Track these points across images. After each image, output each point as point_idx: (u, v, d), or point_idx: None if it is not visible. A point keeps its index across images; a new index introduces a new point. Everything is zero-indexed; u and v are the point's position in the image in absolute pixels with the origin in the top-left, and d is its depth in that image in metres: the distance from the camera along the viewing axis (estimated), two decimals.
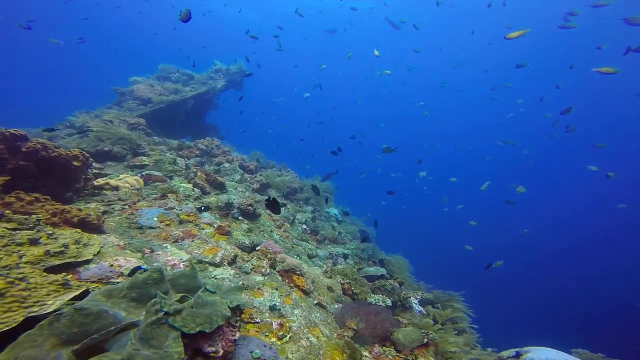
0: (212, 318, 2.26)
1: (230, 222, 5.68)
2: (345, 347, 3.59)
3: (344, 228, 9.54)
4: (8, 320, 2.01)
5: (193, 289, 2.77)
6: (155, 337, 2.05)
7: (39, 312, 2.16)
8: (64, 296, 2.35)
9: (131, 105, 11.07)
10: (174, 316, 2.18)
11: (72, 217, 3.66)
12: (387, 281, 5.99)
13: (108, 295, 2.39)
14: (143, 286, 2.47)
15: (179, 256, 4.02)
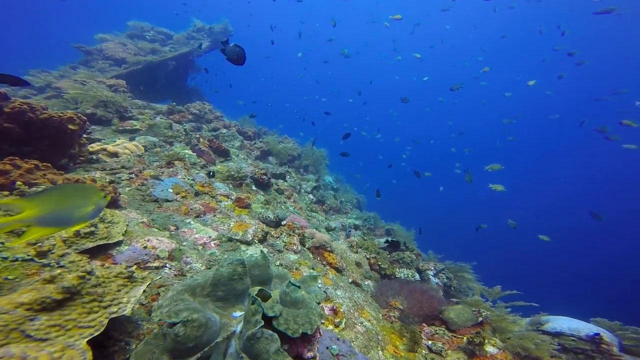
0: (311, 318, 1.95)
1: (248, 193, 5.26)
2: (403, 330, 3.41)
3: (344, 196, 9.32)
4: (95, 323, 1.63)
5: (267, 281, 2.44)
6: (259, 353, 1.74)
7: (118, 312, 1.77)
8: (134, 291, 1.95)
9: (102, 65, 9.94)
10: (277, 320, 1.86)
11: None
12: (404, 253, 5.85)
13: (192, 293, 2.01)
14: (229, 283, 2.10)
15: (207, 233, 3.63)
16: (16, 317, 1.48)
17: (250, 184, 5.59)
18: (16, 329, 1.47)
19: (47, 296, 1.59)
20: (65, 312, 1.64)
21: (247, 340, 1.79)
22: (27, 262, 1.92)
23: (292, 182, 7.38)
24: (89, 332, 1.66)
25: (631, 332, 5.18)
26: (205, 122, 8.89)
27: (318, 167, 9.38)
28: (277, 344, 1.81)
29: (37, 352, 1.43)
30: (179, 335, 1.71)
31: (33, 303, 1.56)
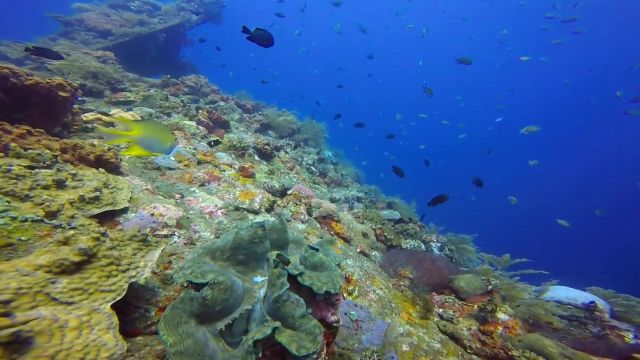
0: (334, 279, 1.87)
1: (251, 163, 5.11)
2: (416, 298, 3.39)
3: (344, 170, 9.22)
4: (116, 287, 1.53)
5: (284, 245, 2.35)
6: (284, 317, 1.68)
7: (137, 277, 1.66)
8: (150, 255, 1.84)
9: (85, 37, 9.35)
10: (301, 276, 1.77)
11: (87, 153, 2.97)
12: (408, 225, 5.83)
13: (212, 256, 1.90)
14: (249, 246, 1.99)
15: (212, 202, 3.51)
16: (38, 280, 1.38)
17: (252, 154, 5.44)
18: (41, 292, 1.38)
19: (65, 258, 1.48)
20: (84, 275, 1.53)
21: (273, 304, 1.71)
22: (37, 223, 1.78)
23: (293, 155, 7.23)
24: (111, 297, 1.57)
25: (622, 299, 5.29)
26: (201, 95, 8.58)
27: (318, 141, 9.21)
28: (303, 308, 1.74)
29: (66, 315, 1.35)
30: (207, 298, 1.63)
31: (52, 265, 1.45)
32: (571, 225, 8.98)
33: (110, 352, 1.47)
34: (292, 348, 1.58)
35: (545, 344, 3.56)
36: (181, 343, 1.60)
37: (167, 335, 1.58)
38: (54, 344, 1.33)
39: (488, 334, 3.75)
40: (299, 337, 1.66)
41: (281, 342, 1.59)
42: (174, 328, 1.62)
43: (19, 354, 1.21)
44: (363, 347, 2.48)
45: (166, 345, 1.57)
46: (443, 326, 3.64)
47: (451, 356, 3.19)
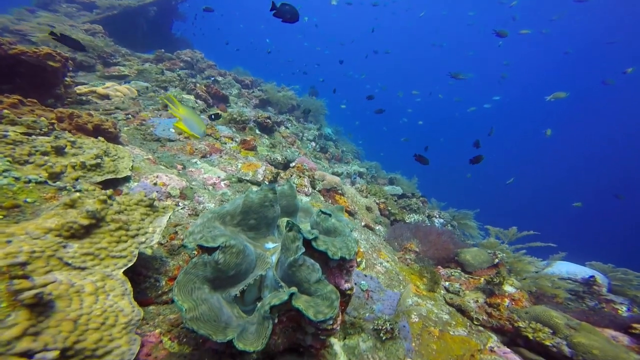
0: (348, 244, 1.79)
1: (252, 136, 4.99)
2: (423, 271, 3.36)
3: (345, 146, 9.11)
4: (127, 253, 1.45)
5: (293, 212, 2.28)
6: (299, 282, 1.62)
7: (147, 242, 1.58)
8: (158, 221, 1.75)
9: (68, 10, 8.82)
10: (316, 241, 1.69)
11: (84, 122, 2.84)
12: (411, 200, 5.79)
13: (222, 221, 1.82)
14: (260, 210, 1.90)
15: (215, 174, 3.41)
16: (49, 243, 1.31)
17: (253, 128, 5.30)
18: (53, 256, 1.31)
19: (74, 221, 1.39)
20: (94, 240, 1.45)
21: (287, 268, 1.64)
22: (41, 185, 1.69)
23: (294, 130, 7.09)
24: (122, 263, 1.49)
25: (621, 274, 5.33)
26: (198, 70, 8.31)
27: (318, 117, 9.04)
28: (319, 273, 1.67)
29: (81, 281, 1.28)
30: (220, 262, 1.55)
31: (61, 229, 1.37)
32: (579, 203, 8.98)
33: (127, 317, 1.41)
34: (309, 313, 1.52)
35: (552, 315, 3.58)
36: (196, 309, 1.54)
37: (182, 301, 1.52)
38: (74, 308, 1.28)
39: (495, 306, 3.75)
40: (316, 303, 1.60)
41: (298, 307, 1.53)
42: (189, 294, 1.55)
43: (45, 316, 1.19)
44: (375, 316, 2.45)
45: (182, 311, 1.50)
46: (450, 299, 3.63)
47: (460, 327, 3.19)
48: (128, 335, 1.44)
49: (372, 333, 2.36)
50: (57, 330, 1.21)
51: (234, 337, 1.58)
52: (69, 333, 1.23)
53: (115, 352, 1.36)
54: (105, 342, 1.33)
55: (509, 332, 3.63)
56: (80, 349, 1.24)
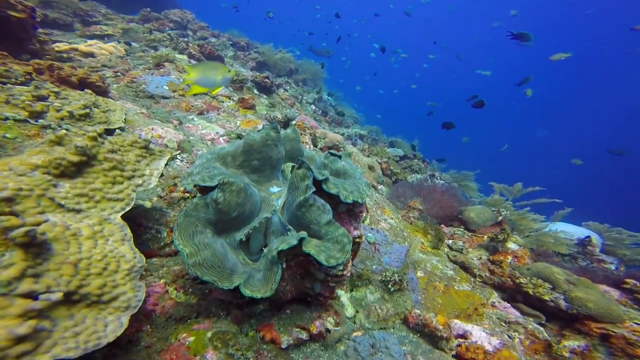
0: (360, 187, 1.70)
1: (251, 95, 4.79)
2: (428, 228, 3.32)
3: (344, 111, 8.89)
4: (123, 195, 1.36)
5: (297, 158, 2.16)
6: (309, 224, 1.52)
7: (144, 185, 1.48)
8: (155, 164, 1.64)
9: None
10: (326, 183, 1.58)
11: (68, 75, 2.66)
12: (412, 161, 5.71)
13: (223, 162, 1.71)
14: (263, 149, 1.79)
15: (213, 130, 3.27)
16: (37, 181, 1.21)
17: (251, 88, 5.09)
18: (44, 195, 1.21)
19: (62, 157, 1.28)
20: (87, 179, 1.35)
21: (296, 209, 1.54)
22: (22, 123, 1.56)
23: (293, 92, 6.86)
24: (120, 206, 1.40)
25: (615, 233, 5.35)
26: (189, 32, 7.91)
27: (317, 82, 8.74)
28: (329, 215, 1.58)
29: (77, 223, 1.20)
30: (219, 201, 1.45)
31: (49, 165, 1.26)
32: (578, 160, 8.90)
33: (130, 263, 1.34)
34: (320, 258, 1.44)
35: (553, 271, 3.59)
36: (198, 254, 1.46)
37: (183, 246, 1.43)
38: (72, 252, 1.21)
39: (497, 264, 3.76)
40: (327, 247, 1.51)
41: (309, 252, 1.45)
42: (190, 238, 1.46)
43: (42, 259, 1.13)
44: (382, 268, 2.41)
45: (183, 256, 1.42)
46: (453, 256, 3.63)
47: (464, 282, 3.19)
48: (132, 282, 1.37)
49: (380, 285, 2.33)
50: (58, 274, 1.15)
51: (241, 284, 1.51)
52: (71, 277, 1.17)
53: (122, 299, 1.30)
54: (109, 287, 1.26)
55: (510, 288, 3.66)
56: (85, 293, 1.18)
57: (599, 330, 3.21)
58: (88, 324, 1.17)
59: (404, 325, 2.27)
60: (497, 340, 2.17)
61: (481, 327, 2.32)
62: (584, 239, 5.04)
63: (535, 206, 4.71)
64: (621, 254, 4.98)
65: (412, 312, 2.25)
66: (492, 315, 2.99)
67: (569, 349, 2.55)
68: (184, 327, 1.69)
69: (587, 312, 3.25)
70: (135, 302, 1.35)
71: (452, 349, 2.11)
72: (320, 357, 1.81)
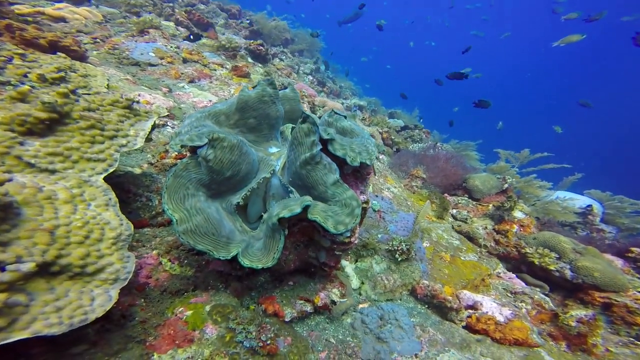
0: (368, 147, 1.54)
1: (245, 63, 4.55)
2: (432, 196, 3.19)
3: (343, 83, 8.62)
4: (105, 155, 1.20)
5: (297, 119, 2.00)
6: (314, 184, 1.38)
7: (129, 146, 1.32)
8: (141, 125, 1.48)
9: None
10: (332, 144, 1.43)
11: (34, 37, 2.42)
12: (413, 131, 5.55)
13: (216, 120, 1.55)
14: (259, 106, 1.62)
15: (206, 97, 3.08)
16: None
17: (245, 56, 4.83)
18: (8, 153, 1.05)
19: (27, 114, 1.11)
20: (61, 138, 1.19)
21: (300, 167, 1.38)
22: None
23: (289, 62, 6.58)
24: (102, 167, 1.24)
25: (617, 201, 5.27)
26: None
27: (314, 53, 8.40)
28: (336, 174, 1.43)
29: (51, 185, 1.05)
30: (209, 159, 1.29)
31: (10, 122, 1.10)
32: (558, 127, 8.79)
33: (116, 231, 1.21)
34: (328, 225, 1.30)
35: (560, 240, 3.51)
36: (189, 220, 1.31)
37: (172, 210, 1.29)
38: (47, 217, 1.06)
39: (503, 233, 3.67)
40: (334, 212, 1.36)
41: (315, 219, 1.30)
42: (180, 202, 1.31)
43: (10, 224, 1.00)
44: (389, 237, 2.30)
45: (172, 222, 1.28)
46: (458, 226, 3.53)
47: (470, 252, 3.10)
48: (120, 251, 1.24)
49: (386, 255, 2.22)
50: (30, 242, 1.02)
51: (239, 253, 1.39)
52: (47, 246, 1.04)
53: (109, 270, 1.17)
54: (93, 258, 1.13)
55: (514, 259, 3.59)
56: (66, 264, 1.06)
57: (602, 300, 3.17)
58: (72, 298, 1.06)
59: (411, 296, 2.18)
60: (509, 311, 2.09)
61: (491, 298, 2.24)
62: (585, 208, 4.97)
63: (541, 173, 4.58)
64: (620, 223, 4.91)
65: (420, 283, 2.15)
66: (498, 286, 2.92)
67: (576, 318, 2.48)
68: (180, 301, 1.58)
69: (592, 281, 3.20)
70: (124, 274, 1.23)
71: (462, 320, 2.03)
72: (325, 330, 1.71)
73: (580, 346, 2.40)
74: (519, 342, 1.92)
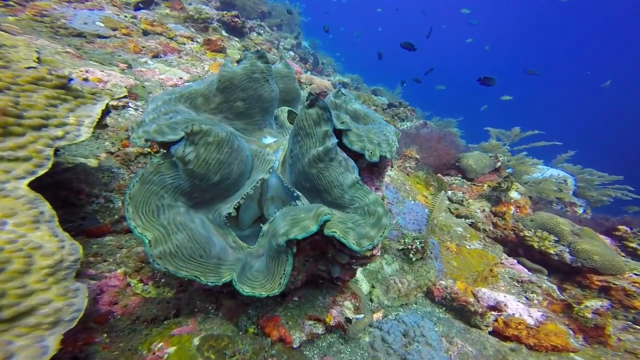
0: (388, 137, 1.23)
1: (219, 36, 4.03)
2: (430, 179, 2.95)
3: (324, 59, 8.16)
4: (30, 153, 0.87)
5: (293, 100, 1.68)
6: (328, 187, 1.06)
7: (68, 139, 0.94)
8: (84, 110, 1.09)
9: None
10: (346, 135, 1.12)
11: None
12: (399, 109, 5.27)
13: (191, 104, 1.19)
14: (249, 85, 1.26)
15: (175, 75, 2.64)
16: None
17: (219, 29, 4.30)
18: None
19: None
20: None
21: (309, 166, 1.04)
22: None
23: (267, 37, 6.03)
24: (24, 169, 0.87)
25: (587, 174, 5.25)
26: None
27: (293, 27, 7.82)
28: (355, 174, 1.10)
29: None
30: (189, 160, 0.94)
31: None
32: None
33: (52, 258, 0.85)
34: (349, 241, 0.97)
35: (559, 222, 3.37)
36: (168, 239, 0.95)
37: (142, 228, 0.92)
38: None
39: (500, 215, 3.52)
40: (355, 223, 1.02)
41: (334, 235, 0.97)
42: (153, 216, 0.94)
43: None
44: (399, 233, 2.01)
45: (144, 243, 0.93)
46: (455, 209, 3.33)
47: (475, 240, 2.90)
48: (59, 284, 0.88)
49: (398, 254, 1.95)
50: None
51: (234, 279, 1.05)
52: None
53: (43, 312, 0.83)
54: (12, 298, 0.77)
55: (512, 242, 3.45)
56: None
57: (600, 283, 3.09)
58: None
59: (426, 298, 1.93)
60: (539, 313, 1.87)
61: (514, 297, 2.02)
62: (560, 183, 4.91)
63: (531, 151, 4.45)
64: (589, 196, 4.91)
65: (437, 284, 1.90)
66: (504, 275, 2.75)
67: (592, 310, 2.33)
68: (159, 332, 1.22)
69: (592, 265, 3.10)
70: (70, 314, 0.88)
71: (489, 325, 1.80)
72: (341, 354, 1.42)
73: (598, 339, 2.26)
74: (557, 349, 1.72)
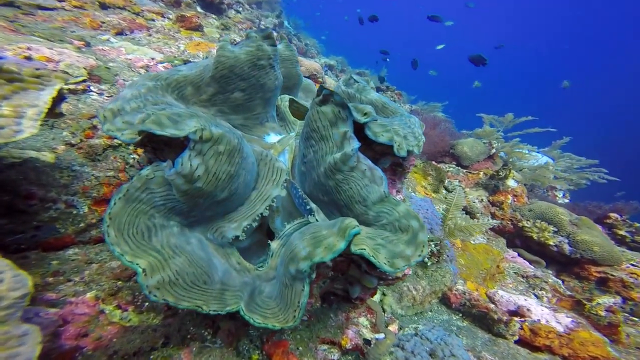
0: (414, 129, 1.05)
1: (194, 12, 3.63)
2: (428, 168, 2.78)
3: (308, 40, 7.80)
4: None
5: (294, 86, 1.48)
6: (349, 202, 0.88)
7: (4, 135, 0.78)
8: (26, 98, 0.84)
9: None
10: (370, 127, 0.93)
11: None
12: (385, 93, 5.06)
13: (179, 94, 0.95)
14: (252, 74, 1.03)
15: (146, 54, 2.29)
16: None
17: (193, 4, 3.87)
18: None
19: None
20: None
21: (326, 177, 0.82)
22: None
23: (247, 15, 5.58)
24: None
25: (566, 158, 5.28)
26: None
27: (274, 6, 7.34)
28: (383, 185, 0.88)
29: None
30: (197, 176, 0.68)
31: None
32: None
33: None
34: (380, 260, 0.72)
35: (557, 212, 3.27)
36: (166, 266, 0.67)
37: (132, 255, 0.64)
38: None
39: (498, 205, 3.39)
40: (386, 239, 0.78)
41: (362, 253, 0.74)
42: (143, 239, 0.66)
43: None
44: None
45: (137, 273, 0.66)
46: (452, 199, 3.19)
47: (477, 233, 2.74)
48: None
49: None
50: None
51: (241, 308, 0.81)
52: None
53: None
54: None
55: (509, 232, 3.34)
56: None
57: (598, 275, 3.03)
58: None
59: (441, 304, 1.75)
60: (568, 318, 1.71)
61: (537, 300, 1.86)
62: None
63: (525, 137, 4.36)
64: (569, 179, 4.94)
65: (454, 290, 1.71)
66: (509, 270, 2.63)
67: (605, 307, 2.22)
68: None
69: (591, 256, 3.03)
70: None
71: (515, 334, 1.63)
72: None
73: (611, 337, 2.16)
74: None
